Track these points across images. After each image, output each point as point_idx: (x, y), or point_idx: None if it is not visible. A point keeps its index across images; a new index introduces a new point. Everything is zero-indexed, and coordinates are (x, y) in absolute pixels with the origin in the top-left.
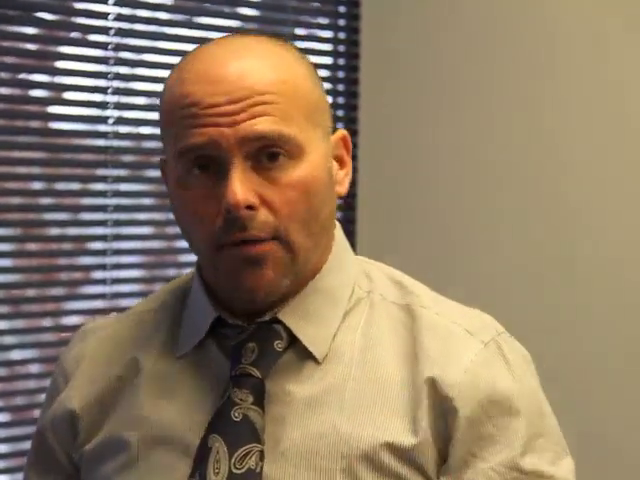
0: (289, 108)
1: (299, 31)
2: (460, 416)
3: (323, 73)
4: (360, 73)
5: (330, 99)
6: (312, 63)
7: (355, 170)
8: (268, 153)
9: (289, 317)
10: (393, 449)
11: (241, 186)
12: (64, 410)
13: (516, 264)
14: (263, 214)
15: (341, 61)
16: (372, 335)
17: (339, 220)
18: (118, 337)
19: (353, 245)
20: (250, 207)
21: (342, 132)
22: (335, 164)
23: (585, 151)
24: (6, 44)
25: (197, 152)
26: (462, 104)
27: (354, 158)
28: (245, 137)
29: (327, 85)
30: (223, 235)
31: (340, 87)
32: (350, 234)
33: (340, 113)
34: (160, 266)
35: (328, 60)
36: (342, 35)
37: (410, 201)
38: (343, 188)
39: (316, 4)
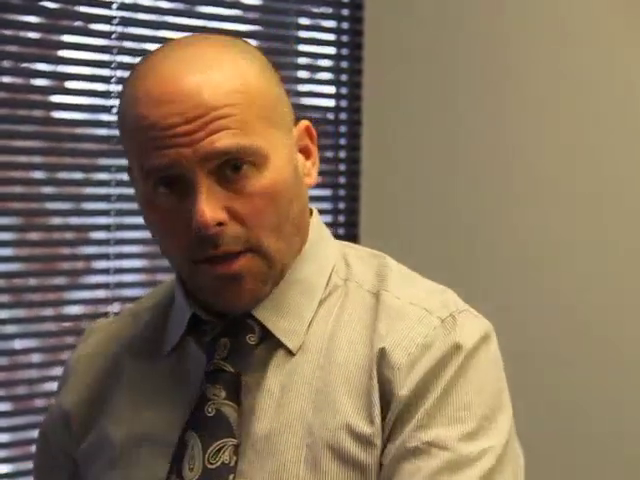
0: (247, 117)
1: (302, 20)
2: (396, 397)
3: (326, 63)
4: (364, 63)
5: (333, 89)
6: (265, 59)
7: (358, 161)
8: (231, 165)
9: (262, 311)
10: (353, 435)
11: (208, 204)
12: (59, 411)
13: (518, 258)
14: (233, 228)
15: (344, 51)
16: (342, 323)
17: (341, 211)
18: (112, 337)
19: (356, 236)
20: (219, 224)
21: (304, 123)
22: (301, 156)
23: (589, 147)
24: (9, 33)
25: (161, 173)
26: (467, 94)
27: (357, 149)
28: (205, 155)
29: (330, 75)
30: (196, 251)
31: (343, 77)
32: (353, 225)
33: (343, 104)
34: (162, 256)
35: (331, 50)
36: (345, 25)
37: (413, 191)
38: (312, 179)
39: None
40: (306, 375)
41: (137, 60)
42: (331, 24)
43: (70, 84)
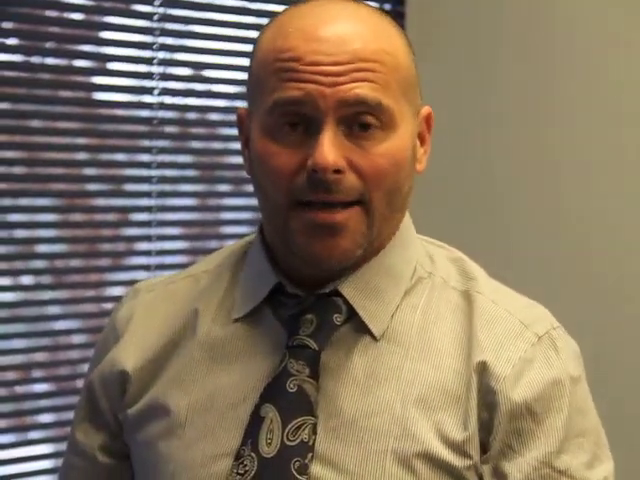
0: (389, 79)
1: None
2: (502, 409)
3: None
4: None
5: None
6: (408, 37)
7: None
8: (361, 122)
9: (350, 291)
10: (445, 441)
11: (331, 148)
12: (115, 369)
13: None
14: (350, 178)
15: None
16: (431, 318)
17: None
18: (173, 297)
19: None
20: (338, 171)
21: (427, 109)
22: (417, 141)
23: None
24: (52, 14)
25: (291, 107)
26: (506, 79)
27: None
28: (344, 99)
29: None
30: (304, 193)
31: None
32: None
33: None
34: (203, 238)
35: None
36: (387, 6)
37: (461, 178)
38: (422, 165)
39: None
40: (393, 365)
41: (179, 42)
42: (372, 4)
43: (112, 65)
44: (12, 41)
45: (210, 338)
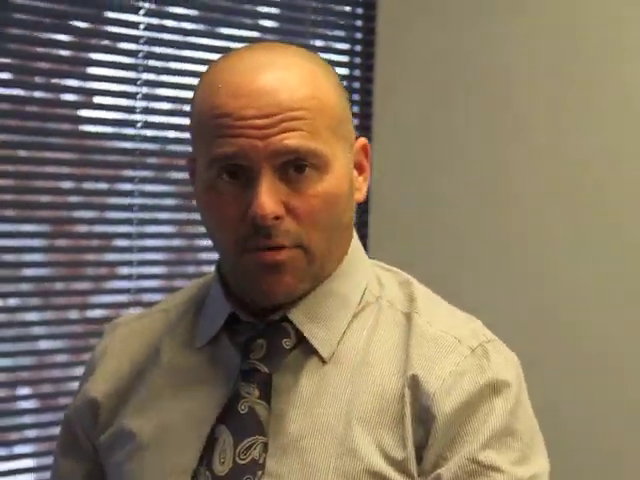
0: (317, 123)
1: (317, 42)
2: (435, 425)
3: (339, 71)
4: (375, 83)
5: None
6: (335, 72)
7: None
8: (295, 165)
9: (298, 317)
10: (387, 459)
11: (269, 198)
12: (86, 399)
13: (523, 264)
14: (287, 223)
15: (357, 72)
16: (375, 340)
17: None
18: (143, 330)
19: (365, 248)
20: (276, 217)
21: (362, 141)
22: (355, 172)
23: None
24: (40, 50)
25: (228, 161)
26: (478, 107)
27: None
28: (275, 151)
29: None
30: (248, 240)
31: (355, 97)
32: (362, 237)
33: (355, 122)
34: (181, 263)
35: (344, 71)
36: (358, 48)
37: (423, 204)
38: (361, 194)
39: (333, 18)
40: (337, 386)
41: (161, 77)
42: (344, 46)
43: (97, 99)
44: (3, 75)
45: (173, 366)
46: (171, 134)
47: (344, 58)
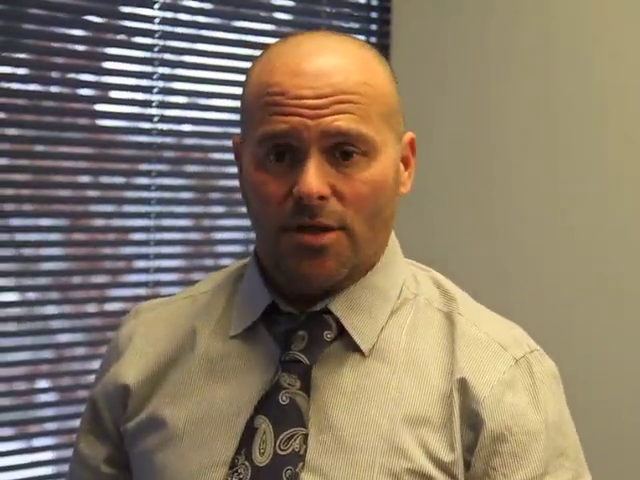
0: (370, 109)
1: None
2: (484, 429)
3: None
4: (390, 63)
5: None
6: (389, 64)
7: None
8: (343, 150)
9: (340, 309)
10: (433, 460)
11: (316, 177)
12: (117, 383)
13: (537, 274)
14: (332, 204)
15: None
16: (417, 337)
17: None
18: (172, 316)
19: None
20: (322, 197)
21: (410, 135)
22: (401, 165)
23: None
24: (56, 45)
25: (278, 139)
26: (495, 99)
27: None
28: (326, 131)
29: None
30: (291, 218)
31: None
32: None
33: None
34: (198, 256)
35: None
36: (373, 39)
37: (440, 199)
38: (406, 188)
39: (348, 10)
40: (381, 382)
41: (177, 71)
42: (359, 38)
43: (114, 94)
44: (20, 71)
45: (207, 354)
46: (187, 127)
47: None
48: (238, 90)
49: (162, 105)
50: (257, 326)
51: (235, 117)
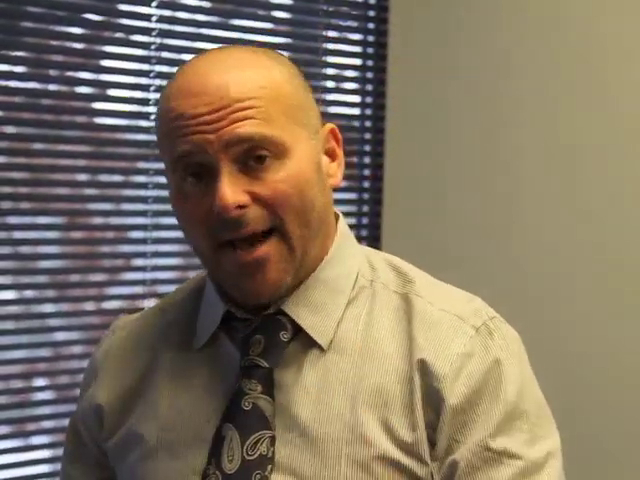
0: (270, 111)
1: (330, 33)
2: (446, 408)
3: (352, 74)
4: (388, 74)
5: (359, 99)
6: (296, 68)
7: (381, 166)
8: (254, 156)
9: (293, 308)
10: (397, 443)
11: (229, 188)
12: (92, 404)
13: (540, 269)
14: (254, 210)
15: (369, 62)
16: (374, 324)
17: (365, 214)
18: (141, 333)
19: (379, 238)
20: (241, 206)
21: (330, 126)
22: (326, 158)
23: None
24: (54, 43)
25: (187, 160)
26: (489, 104)
27: (381, 155)
28: (229, 141)
29: (355, 85)
30: (219, 235)
31: (368, 87)
32: (376, 227)
33: (368, 112)
34: (195, 255)
35: (357, 61)
36: (371, 38)
37: (434, 195)
38: (336, 179)
39: (346, 8)
40: (341, 374)
41: (174, 69)
42: (357, 37)
43: (111, 92)
44: (18, 69)
45: (174, 367)
46: None
47: (357, 48)
48: None
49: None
50: (218, 335)
51: None
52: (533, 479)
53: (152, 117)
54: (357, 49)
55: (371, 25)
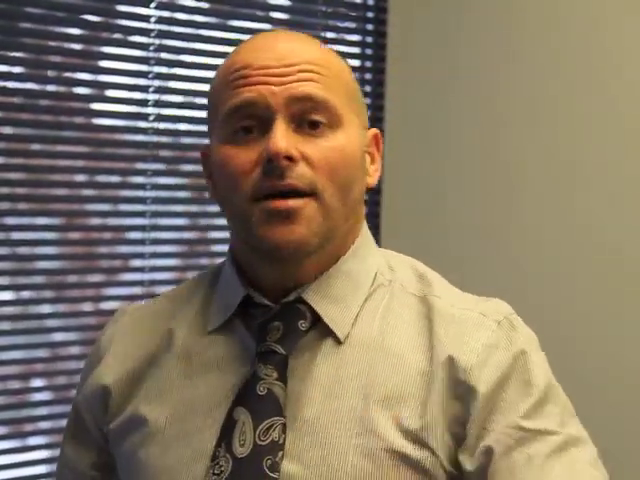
0: (333, 82)
1: (328, 34)
2: (475, 395)
3: (351, 62)
4: (386, 75)
5: None
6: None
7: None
8: (310, 120)
9: (313, 298)
10: (403, 431)
11: (283, 138)
12: (97, 385)
13: (540, 266)
14: (302, 167)
15: (368, 64)
16: (391, 321)
17: (365, 215)
18: (149, 316)
19: (377, 241)
20: (290, 158)
21: (374, 130)
22: (367, 156)
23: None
24: (53, 44)
25: (245, 109)
26: (487, 103)
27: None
28: (292, 96)
29: None
30: (261, 184)
31: (367, 88)
32: (375, 227)
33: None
34: (194, 256)
35: (356, 62)
36: (369, 39)
37: (435, 195)
38: (373, 180)
39: (344, 9)
40: (355, 368)
41: (173, 70)
42: (355, 38)
43: (110, 93)
44: (16, 69)
45: (186, 350)
46: (184, 127)
47: (356, 49)
48: None
49: (158, 104)
50: (234, 320)
51: None
52: (571, 452)
53: (151, 118)
54: (356, 50)
55: (370, 26)
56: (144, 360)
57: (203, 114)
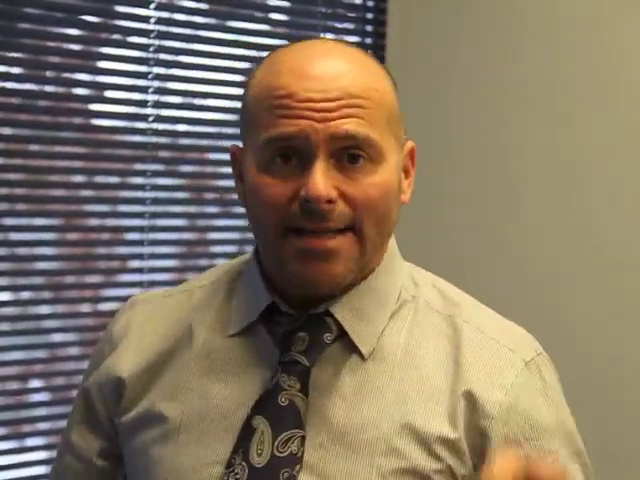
0: (376, 115)
1: (327, 36)
2: (498, 435)
3: None
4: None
5: None
6: (391, 75)
7: None
8: (350, 154)
9: (341, 312)
10: (440, 440)
11: (323, 179)
12: (111, 375)
13: (540, 267)
14: (341, 207)
15: None
16: (415, 339)
17: None
18: (169, 311)
19: None
20: (330, 201)
21: (411, 144)
22: (402, 174)
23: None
24: (52, 44)
25: (285, 142)
26: (486, 104)
27: None
28: (334, 134)
29: None
30: (297, 220)
31: None
32: None
33: None
34: (193, 257)
35: None
36: (368, 40)
37: (435, 200)
38: (406, 196)
39: (343, 10)
40: (380, 385)
41: (172, 71)
42: (355, 39)
43: (109, 93)
44: (14, 70)
45: (205, 350)
46: (183, 128)
47: None
48: (234, 90)
49: (157, 105)
50: (256, 325)
51: (230, 117)
52: None
53: (150, 119)
54: None
55: (369, 28)
56: (162, 354)
57: (202, 115)
